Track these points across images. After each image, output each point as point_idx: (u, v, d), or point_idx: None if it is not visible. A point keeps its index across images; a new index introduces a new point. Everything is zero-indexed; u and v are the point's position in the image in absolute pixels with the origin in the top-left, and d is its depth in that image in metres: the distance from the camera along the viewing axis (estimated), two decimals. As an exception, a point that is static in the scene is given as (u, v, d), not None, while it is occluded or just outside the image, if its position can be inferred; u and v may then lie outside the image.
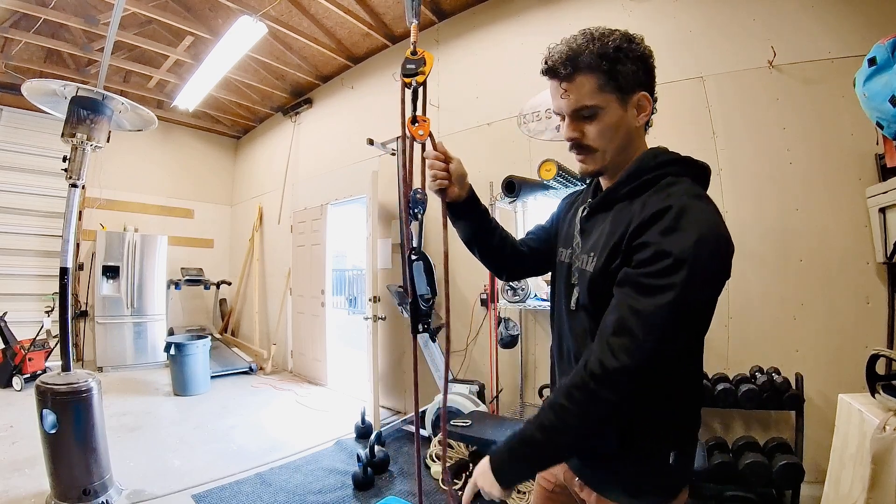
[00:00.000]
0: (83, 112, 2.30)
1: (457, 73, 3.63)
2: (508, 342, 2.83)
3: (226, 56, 3.97)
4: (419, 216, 1.03)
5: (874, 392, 1.41)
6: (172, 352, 4.11)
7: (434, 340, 3.15)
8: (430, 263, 1.01)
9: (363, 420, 3.26)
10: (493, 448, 0.79)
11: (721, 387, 2.12)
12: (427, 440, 2.98)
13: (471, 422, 2.44)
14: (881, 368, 1.44)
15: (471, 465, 2.44)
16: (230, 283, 6.42)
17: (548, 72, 0.80)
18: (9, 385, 4.04)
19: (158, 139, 6.03)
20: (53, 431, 2.07)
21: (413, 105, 1.00)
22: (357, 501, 2.38)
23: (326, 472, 2.68)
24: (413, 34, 1.03)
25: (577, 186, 2.44)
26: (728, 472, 1.93)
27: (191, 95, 4.77)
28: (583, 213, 0.90)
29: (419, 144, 1.01)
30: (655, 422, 0.77)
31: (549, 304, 1.01)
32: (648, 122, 0.86)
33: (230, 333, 6.33)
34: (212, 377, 4.49)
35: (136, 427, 3.32)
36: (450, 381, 3.09)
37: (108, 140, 2.45)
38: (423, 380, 3.61)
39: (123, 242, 5.20)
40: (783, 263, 2.29)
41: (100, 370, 4.88)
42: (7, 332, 4.15)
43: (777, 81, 2.35)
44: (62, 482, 2.12)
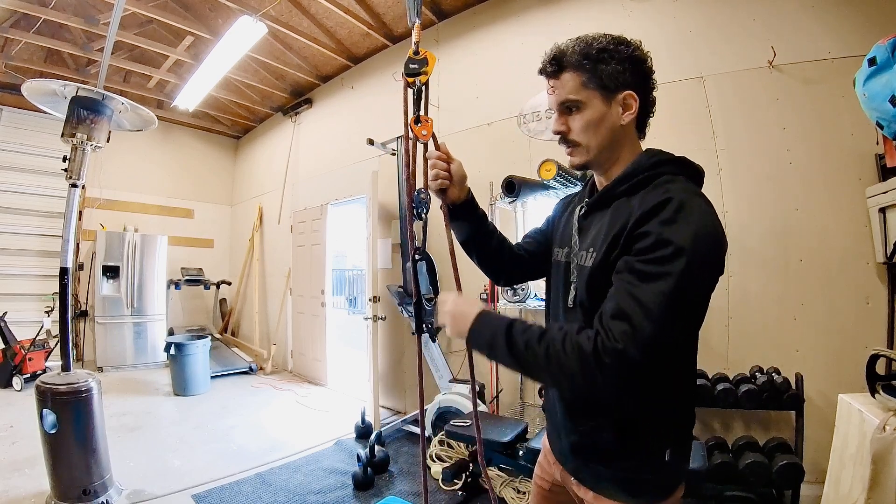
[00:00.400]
0: (83, 112, 2.30)
1: (457, 73, 3.63)
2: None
3: (226, 56, 3.97)
4: (423, 216, 1.03)
5: (874, 392, 1.41)
6: (172, 352, 4.11)
7: (434, 340, 3.15)
8: (433, 263, 1.02)
9: (363, 420, 3.26)
10: (489, 319, 0.80)
11: (721, 387, 2.12)
12: (427, 440, 2.98)
13: (471, 422, 2.44)
14: (881, 368, 1.45)
15: (471, 466, 2.44)
16: (230, 283, 6.42)
17: (541, 72, 0.86)
18: (9, 385, 4.04)
19: (158, 139, 6.04)
20: (53, 431, 2.07)
21: (416, 105, 1.01)
22: (357, 501, 2.38)
23: (326, 472, 2.68)
24: (416, 34, 1.03)
25: (577, 187, 2.44)
26: (728, 472, 1.93)
27: (191, 95, 4.77)
28: (580, 213, 0.91)
29: (421, 144, 1.02)
30: (652, 419, 0.79)
31: (545, 305, 1.02)
32: (645, 125, 0.89)
33: (230, 333, 6.33)
34: (212, 377, 4.49)
35: (136, 427, 3.32)
36: (450, 381, 3.09)
37: (108, 140, 2.45)
38: (424, 380, 3.60)
39: (123, 242, 5.20)
40: (783, 263, 2.29)
41: (100, 370, 4.88)
42: (7, 332, 4.15)
43: (777, 81, 2.35)
44: (62, 482, 2.12)
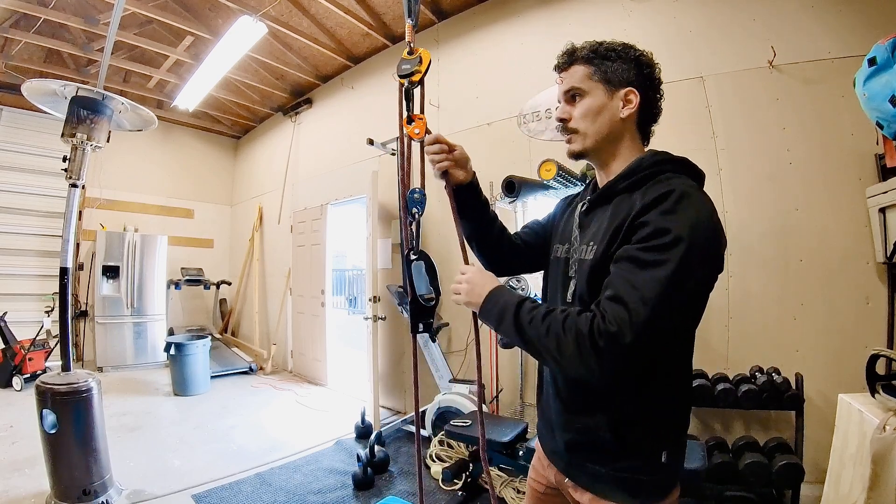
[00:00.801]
0: (83, 112, 2.30)
1: (457, 73, 3.63)
2: (508, 342, 2.83)
3: (226, 56, 3.97)
4: (417, 216, 1.03)
5: (874, 392, 1.41)
6: (172, 352, 4.11)
7: (434, 340, 3.15)
8: (432, 263, 1.02)
9: (363, 420, 3.26)
10: (502, 294, 0.84)
11: (721, 387, 2.12)
12: (427, 440, 2.98)
13: (471, 422, 2.44)
14: (881, 368, 1.44)
15: (471, 466, 2.44)
16: (230, 283, 6.42)
17: (555, 67, 0.92)
18: (9, 385, 4.04)
19: (158, 139, 6.04)
20: (53, 431, 2.07)
21: (407, 105, 1.01)
22: (357, 501, 2.38)
23: (326, 472, 2.68)
24: (408, 34, 1.04)
25: (578, 187, 2.44)
26: (728, 472, 1.93)
27: (191, 95, 4.77)
28: (582, 209, 0.93)
29: (417, 143, 1.02)
30: (649, 419, 0.79)
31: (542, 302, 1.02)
32: (648, 130, 0.91)
33: (230, 333, 6.33)
34: (212, 377, 4.49)
35: (136, 427, 3.32)
36: (450, 381, 3.09)
37: (108, 140, 2.45)
38: (424, 380, 3.61)
39: (123, 242, 5.20)
40: (783, 263, 2.29)
41: (100, 370, 4.88)
42: (7, 332, 4.15)
43: (777, 81, 2.35)
44: (62, 482, 2.12)
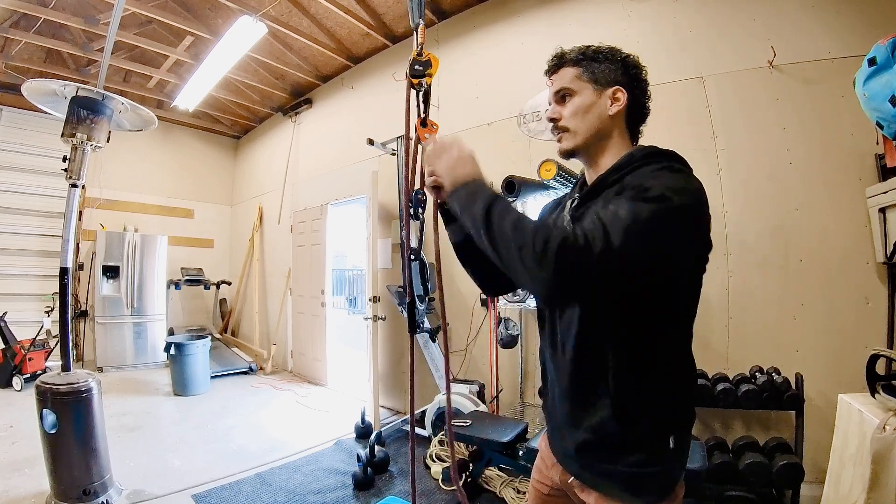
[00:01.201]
0: (83, 112, 2.30)
1: (457, 73, 3.63)
2: (508, 342, 2.83)
3: (226, 56, 3.97)
4: (420, 216, 1.03)
5: (874, 392, 1.41)
6: (172, 352, 4.11)
7: (434, 340, 3.15)
8: (425, 263, 1.02)
9: (363, 420, 3.26)
10: (483, 183, 0.84)
11: (721, 387, 2.12)
12: (427, 440, 2.98)
13: (471, 422, 2.44)
14: (881, 368, 1.45)
15: (471, 465, 2.44)
16: (230, 283, 6.42)
17: (546, 72, 0.95)
18: (9, 385, 4.04)
19: (158, 139, 6.03)
20: (53, 431, 2.07)
21: (425, 107, 1.03)
22: (357, 501, 2.38)
23: (326, 472, 2.68)
24: (420, 35, 1.05)
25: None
26: (728, 472, 1.93)
27: (191, 95, 4.77)
28: (573, 205, 0.94)
29: (422, 146, 1.02)
30: (652, 408, 0.80)
31: (536, 305, 1.02)
32: (637, 129, 0.93)
33: (230, 333, 6.33)
34: (212, 377, 4.49)
35: (136, 427, 3.32)
36: (450, 381, 3.09)
37: (108, 140, 2.45)
38: (424, 380, 3.61)
39: (123, 242, 5.20)
40: (783, 263, 2.29)
41: (100, 370, 4.88)
42: (7, 332, 4.15)
43: (777, 81, 2.35)
44: (62, 482, 2.12)
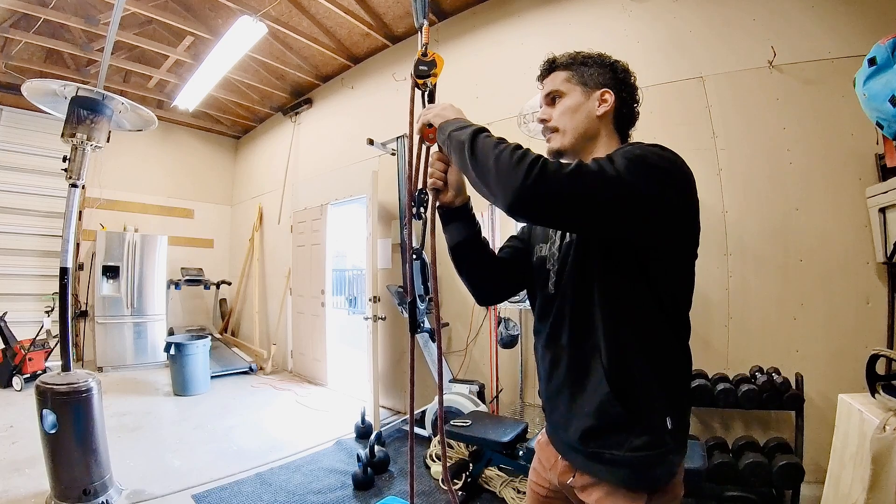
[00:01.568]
0: (83, 112, 2.30)
1: (457, 73, 3.63)
2: (508, 342, 2.84)
3: (226, 56, 3.97)
4: (423, 215, 1.03)
5: (874, 392, 1.41)
6: (172, 352, 4.11)
7: (434, 340, 3.15)
8: (427, 263, 1.02)
9: (363, 420, 3.26)
10: (468, 120, 0.91)
11: (721, 387, 2.12)
12: (427, 440, 2.98)
13: (470, 422, 2.44)
14: (881, 368, 1.44)
15: (471, 465, 2.44)
16: (230, 283, 6.42)
17: (538, 78, 1.00)
18: (9, 385, 4.04)
19: (158, 139, 6.04)
20: (53, 431, 2.07)
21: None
22: (357, 501, 2.38)
23: (326, 472, 2.68)
24: (425, 35, 1.06)
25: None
26: (728, 472, 1.93)
27: (191, 95, 4.77)
28: None
29: (426, 147, 1.03)
30: (652, 386, 0.81)
31: (530, 304, 1.05)
32: (626, 133, 0.96)
33: (230, 333, 6.33)
34: (212, 377, 4.49)
35: (136, 427, 3.32)
36: (450, 381, 3.09)
37: (108, 140, 2.45)
38: (423, 380, 3.60)
39: (123, 242, 5.20)
40: (783, 263, 2.29)
41: (100, 370, 4.88)
42: (7, 332, 4.15)
43: (777, 81, 2.35)
44: (62, 482, 2.12)
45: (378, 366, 3.43)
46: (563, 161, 0.75)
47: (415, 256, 1.04)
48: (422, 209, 1.02)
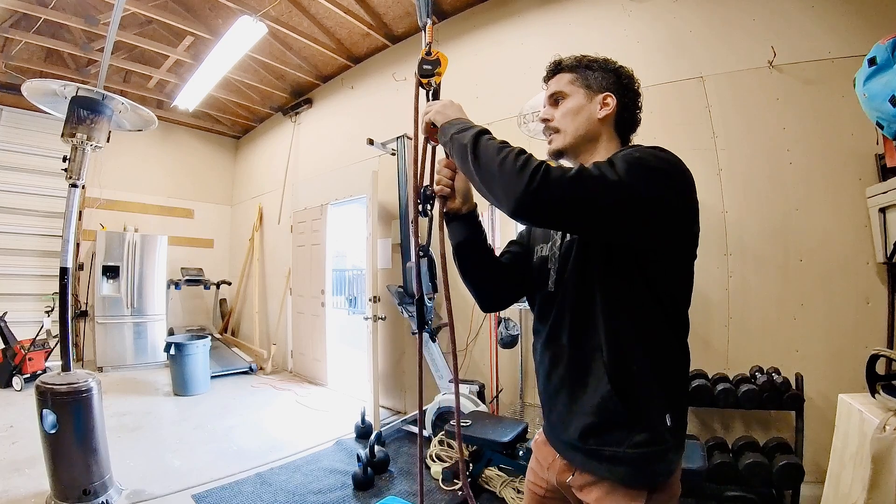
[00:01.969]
0: (83, 112, 2.30)
1: (457, 73, 3.62)
2: (508, 342, 2.84)
3: (226, 56, 3.97)
4: (428, 213, 1.03)
5: (874, 392, 1.41)
6: (172, 352, 4.11)
7: (434, 340, 3.15)
8: (434, 261, 1.02)
9: (363, 420, 3.26)
10: (469, 121, 0.92)
11: (721, 387, 2.12)
12: (427, 440, 2.98)
13: (471, 422, 2.44)
14: (881, 368, 1.44)
15: (471, 465, 2.44)
16: (230, 283, 6.42)
17: (543, 79, 1.02)
18: (9, 385, 4.04)
19: (158, 139, 6.04)
20: (53, 431, 2.07)
21: None
22: (357, 501, 2.38)
23: (326, 472, 2.68)
24: (428, 34, 1.06)
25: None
26: (728, 472, 1.93)
27: (191, 95, 4.77)
28: None
29: (431, 146, 1.03)
30: (651, 384, 0.82)
31: (528, 303, 1.06)
32: (627, 137, 0.98)
33: (230, 333, 6.33)
34: (212, 377, 4.49)
35: (136, 427, 3.32)
36: (450, 381, 3.09)
37: (108, 140, 2.45)
38: (424, 380, 3.59)
39: (123, 242, 5.20)
40: (783, 263, 2.29)
41: (100, 370, 4.88)
42: (7, 332, 4.15)
43: (777, 81, 2.35)
44: (62, 482, 2.12)
45: (378, 366, 3.43)
46: (565, 165, 0.77)
47: (421, 254, 1.04)
48: (428, 206, 1.02)
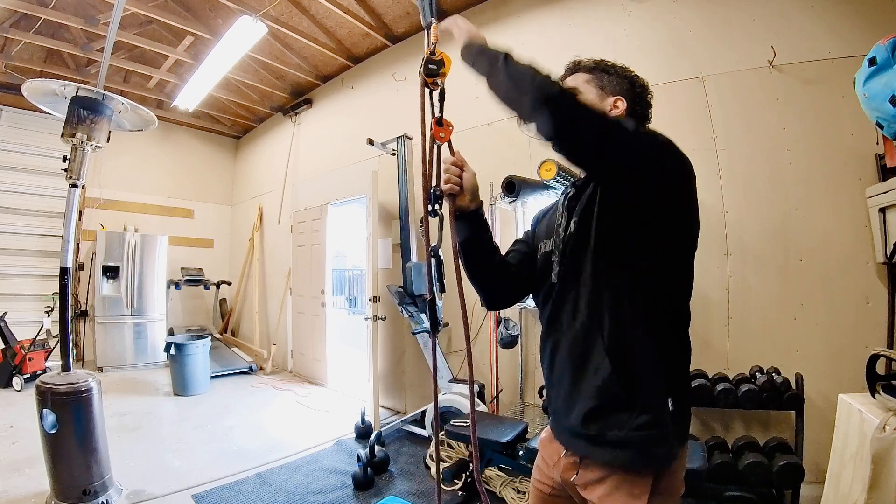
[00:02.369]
0: (83, 112, 2.30)
1: (457, 73, 3.63)
2: (508, 342, 2.83)
3: (226, 56, 3.97)
4: (438, 212, 1.03)
5: (874, 392, 1.41)
6: (172, 352, 4.11)
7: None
8: (442, 262, 1.03)
9: (363, 420, 3.26)
10: (485, 48, 0.99)
11: (721, 387, 2.12)
12: (427, 440, 2.98)
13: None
14: (881, 368, 1.44)
15: (471, 465, 2.44)
16: (230, 283, 6.42)
17: (562, 77, 1.04)
18: (9, 385, 4.04)
19: (158, 139, 6.04)
20: (53, 431, 2.07)
21: (440, 106, 1.06)
22: (357, 501, 2.38)
23: (326, 472, 2.68)
24: (433, 34, 1.06)
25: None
26: (728, 472, 1.93)
27: (191, 95, 4.77)
28: (569, 195, 1.01)
29: (437, 146, 1.04)
30: (652, 368, 0.84)
31: (534, 300, 1.07)
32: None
33: (230, 333, 6.33)
34: (212, 377, 4.49)
35: (136, 427, 3.32)
36: (450, 381, 3.09)
37: (108, 140, 2.45)
38: (423, 380, 3.61)
39: (123, 242, 5.20)
40: (783, 263, 2.29)
41: (100, 370, 4.88)
42: (7, 332, 4.15)
43: (777, 81, 2.35)
44: (62, 482, 2.12)
45: (378, 366, 3.43)
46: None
47: (432, 254, 1.04)
48: (437, 206, 1.02)
